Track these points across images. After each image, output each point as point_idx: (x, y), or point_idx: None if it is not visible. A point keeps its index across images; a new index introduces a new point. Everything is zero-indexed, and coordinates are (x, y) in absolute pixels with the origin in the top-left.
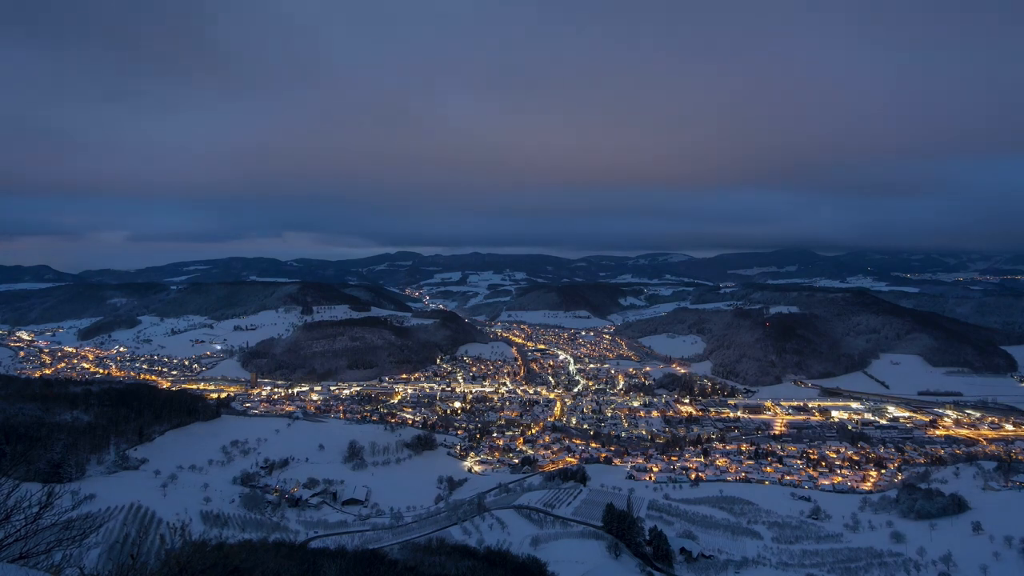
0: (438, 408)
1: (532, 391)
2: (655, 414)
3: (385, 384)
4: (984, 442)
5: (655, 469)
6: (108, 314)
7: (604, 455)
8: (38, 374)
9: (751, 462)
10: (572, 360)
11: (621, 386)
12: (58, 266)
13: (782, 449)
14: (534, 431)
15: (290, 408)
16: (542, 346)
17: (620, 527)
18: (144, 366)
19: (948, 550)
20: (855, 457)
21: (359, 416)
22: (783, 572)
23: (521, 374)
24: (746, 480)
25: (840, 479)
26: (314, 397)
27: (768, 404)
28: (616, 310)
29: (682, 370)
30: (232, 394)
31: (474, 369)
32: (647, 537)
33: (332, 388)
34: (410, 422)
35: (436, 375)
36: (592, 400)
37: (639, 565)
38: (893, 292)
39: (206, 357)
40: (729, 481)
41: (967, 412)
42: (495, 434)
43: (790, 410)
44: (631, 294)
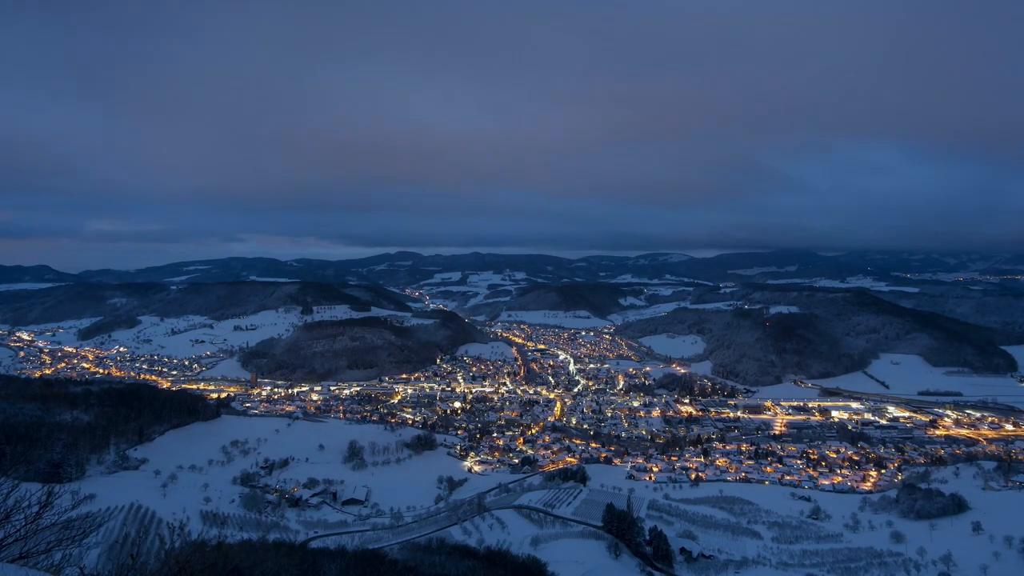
0: (438, 408)
1: (532, 391)
2: (655, 414)
3: (385, 384)
4: (984, 442)
5: (655, 469)
6: (108, 314)
7: (604, 455)
8: (38, 374)
9: (751, 462)
10: (572, 360)
11: (621, 386)
12: (58, 266)
13: (782, 449)
14: (534, 431)
15: (290, 408)
16: (542, 346)
17: (620, 527)
18: (144, 366)
19: (948, 550)
20: (855, 457)
21: (359, 416)
22: (783, 572)
23: (521, 374)
24: (746, 480)
25: (840, 479)
26: (314, 397)
27: (768, 404)
28: (616, 310)
29: (682, 370)
30: (232, 394)
31: (474, 369)
32: (647, 537)
33: (332, 388)
34: (410, 422)
35: (436, 375)
36: (592, 400)
37: (639, 565)
38: (893, 292)
39: (206, 357)
40: (729, 481)
41: (967, 412)
42: (495, 434)
43: (790, 410)
44: (631, 294)
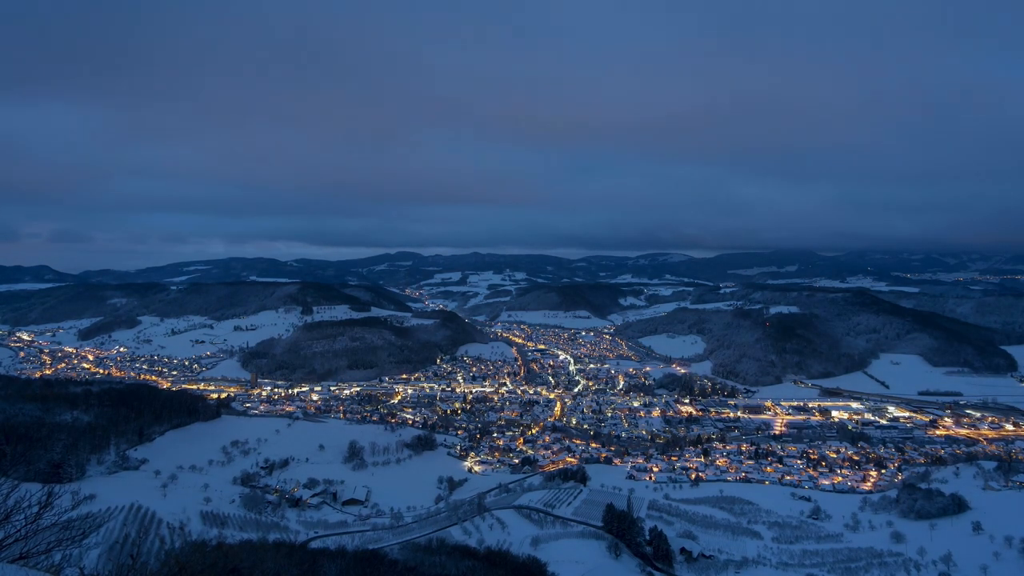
0: (438, 408)
1: (532, 391)
2: (655, 414)
3: (385, 384)
4: (984, 442)
5: (655, 469)
6: (108, 314)
7: (604, 455)
8: (38, 374)
9: (751, 462)
10: (572, 360)
11: (621, 386)
12: (58, 266)
13: (782, 449)
14: (534, 431)
15: (290, 408)
16: (542, 346)
17: (620, 527)
18: (144, 366)
19: (948, 550)
20: (855, 457)
21: (359, 416)
22: (783, 572)
23: (521, 374)
24: (746, 480)
25: (840, 479)
26: (314, 397)
27: (768, 404)
28: (616, 310)
29: (682, 370)
30: (232, 394)
31: (474, 369)
32: (647, 537)
33: (332, 388)
34: (410, 422)
35: (436, 375)
36: (592, 400)
37: (639, 565)
38: (893, 292)
39: (206, 357)
40: (729, 481)
41: (967, 412)
42: (495, 434)
43: (790, 410)
44: (631, 294)
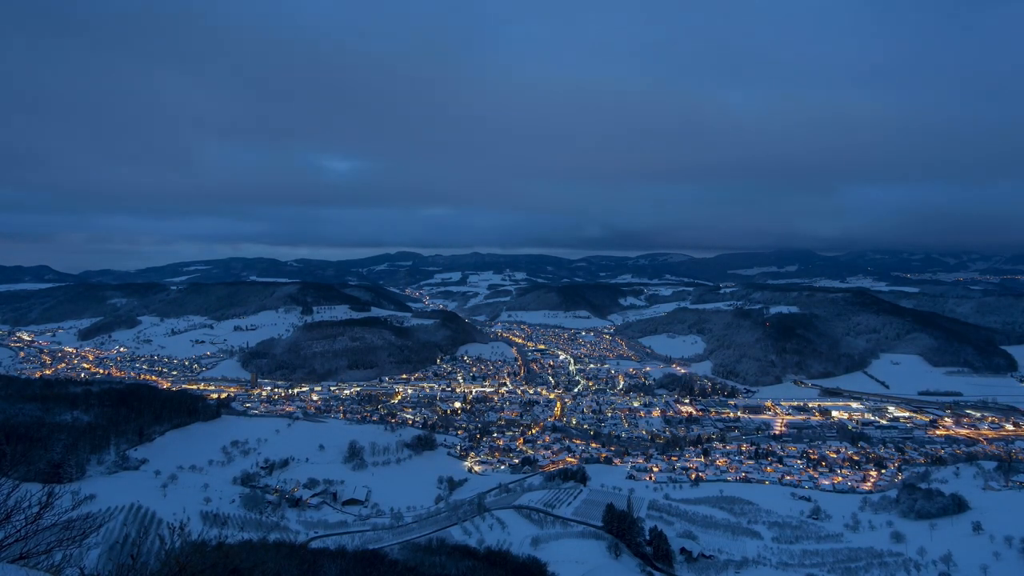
0: (438, 408)
1: (532, 391)
2: (655, 414)
3: (385, 384)
4: (984, 442)
5: (655, 469)
6: (108, 314)
7: (604, 455)
8: (38, 374)
9: (751, 462)
10: (572, 360)
11: (621, 386)
12: (58, 266)
13: (782, 449)
14: (534, 431)
15: (290, 408)
16: (542, 346)
17: (620, 527)
18: (144, 366)
19: (948, 550)
20: (855, 457)
21: (359, 416)
22: (783, 572)
23: (521, 374)
24: (746, 480)
25: (840, 479)
26: (314, 397)
27: (768, 404)
28: (616, 310)
29: (682, 370)
30: (232, 394)
31: (474, 369)
32: (647, 537)
33: (332, 388)
34: (410, 422)
35: (436, 375)
36: (592, 400)
37: (639, 565)
38: (893, 292)
39: (206, 357)
40: (729, 481)
41: (967, 412)
42: (495, 434)
43: (790, 410)
44: (631, 294)
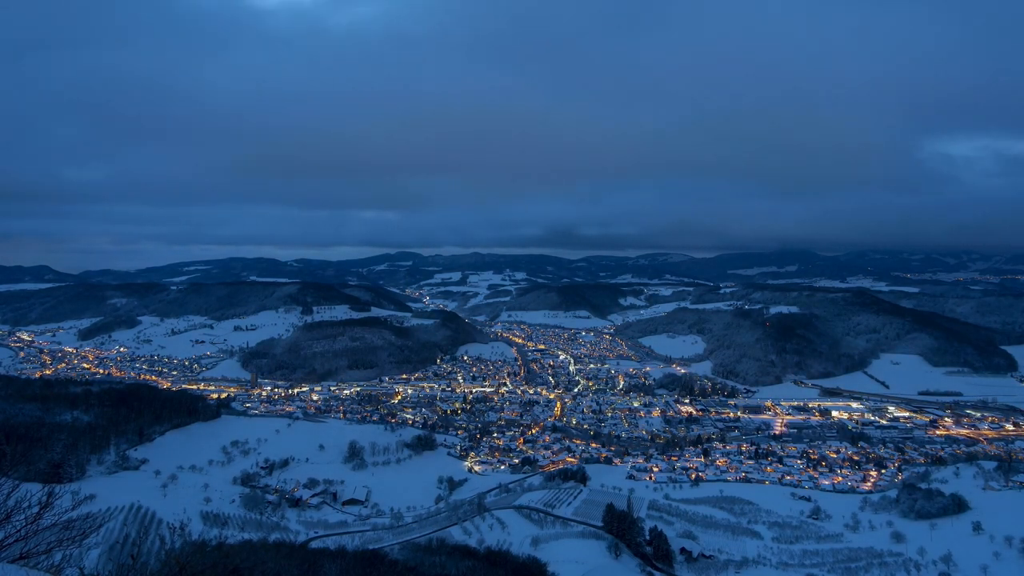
0: (438, 408)
1: (532, 391)
2: (655, 414)
3: (385, 384)
4: (984, 442)
5: (655, 469)
6: (108, 314)
7: (604, 455)
8: (38, 374)
9: (751, 462)
10: (572, 360)
11: (621, 386)
12: (58, 266)
13: (782, 449)
14: (534, 431)
15: (290, 408)
16: (542, 346)
17: (620, 527)
18: (144, 366)
19: (948, 550)
20: (855, 457)
21: (359, 416)
22: (783, 572)
23: (521, 374)
24: (746, 480)
25: (840, 479)
26: (314, 397)
27: (768, 404)
28: (616, 310)
29: (682, 370)
30: (232, 394)
31: (474, 369)
32: (647, 537)
33: (332, 388)
34: (410, 422)
35: (436, 375)
36: (592, 400)
37: (639, 565)
38: (893, 292)
39: (206, 357)
40: (729, 481)
41: (967, 412)
42: (495, 434)
43: (790, 410)
44: (631, 294)
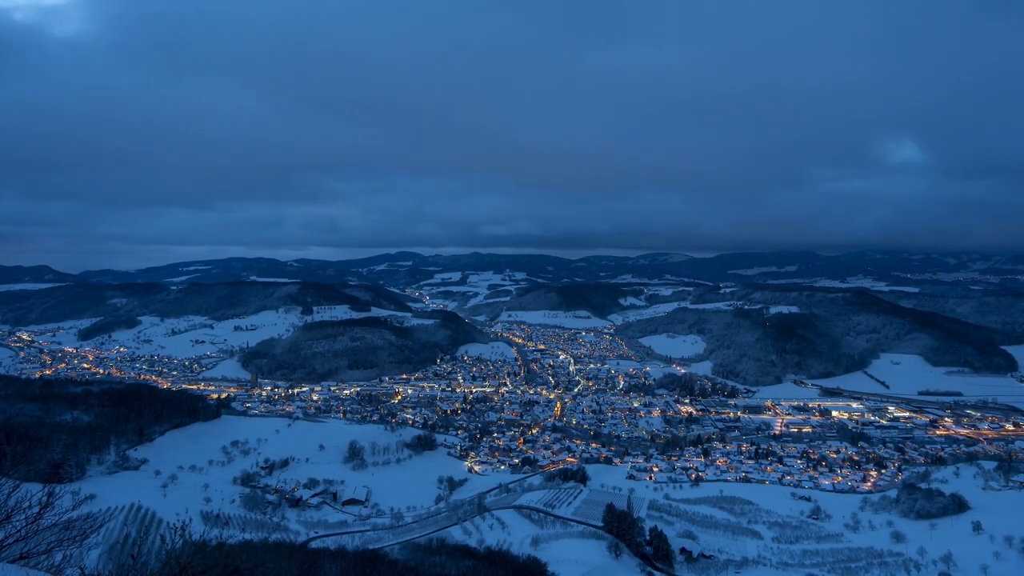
0: (438, 408)
1: (532, 391)
2: (655, 414)
3: (385, 384)
4: (984, 442)
5: (655, 469)
6: (108, 314)
7: (604, 455)
8: (38, 374)
9: (751, 462)
10: (572, 360)
11: (621, 386)
12: (58, 266)
13: (782, 449)
14: (534, 431)
15: (290, 408)
16: (542, 346)
17: (620, 527)
18: (144, 366)
19: (948, 550)
20: (855, 457)
21: (359, 416)
22: (783, 572)
23: (521, 374)
24: (746, 480)
25: (840, 479)
26: (314, 397)
27: (768, 404)
28: (616, 310)
29: (682, 370)
30: (232, 394)
31: (474, 369)
32: (647, 537)
33: (332, 388)
34: (410, 422)
35: (436, 375)
36: (592, 400)
37: (639, 565)
38: (893, 292)
39: (206, 357)
40: (729, 481)
41: (967, 412)
42: (495, 434)
43: (790, 410)
44: (631, 294)
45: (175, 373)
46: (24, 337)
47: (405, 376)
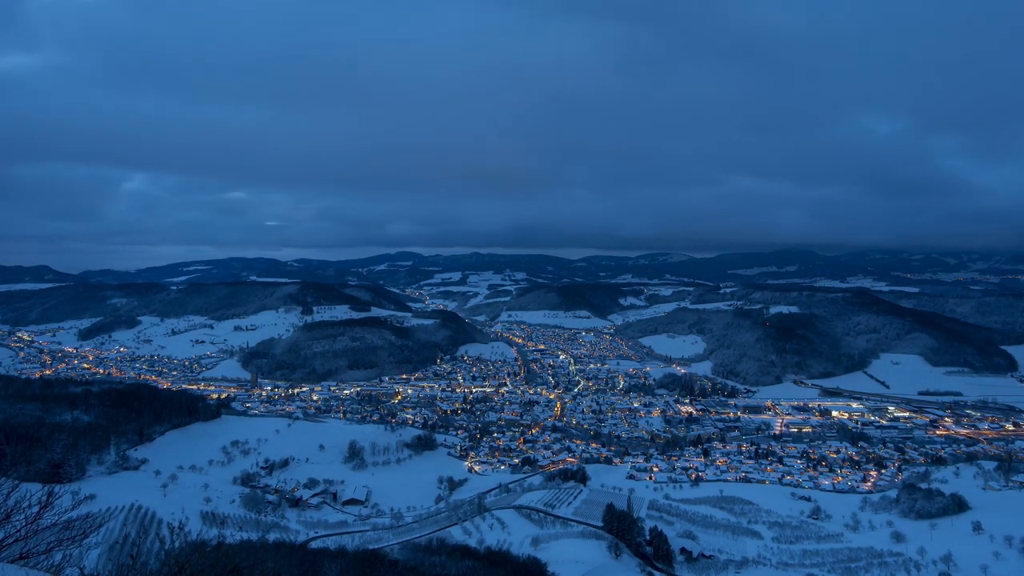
0: (438, 408)
1: (532, 391)
2: (655, 414)
3: (385, 384)
4: (984, 442)
5: (655, 469)
6: (108, 314)
7: (604, 455)
8: (38, 374)
9: (751, 462)
10: (572, 360)
11: (621, 386)
12: (58, 266)
13: (782, 449)
14: (534, 431)
15: (290, 408)
16: (542, 346)
17: (620, 527)
18: (144, 366)
19: (948, 550)
20: (855, 457)
21: (359, 416)
22: (783, 572)
23: (521, 374)
24: (746, 480)
25: (840, 479)
26: (314, 397)
27: (768, 404)
28: (616, 310)
29: (682, 370)
30: (232, 394)
31: (474, 369)
32: (647, 537)
33: (332, 388)
34: (410, 422)
35: (436, 375)
36: (592, 400)
37: (639, 565)
38: (893, 292)
39: (206, 357)
40: (729, 481)
41: (967, 412)
42: (495, 434)
43: (790, 410)
44: (631, 294)
45: (175, 373)
46: (24, 337)
47: (405, 376)
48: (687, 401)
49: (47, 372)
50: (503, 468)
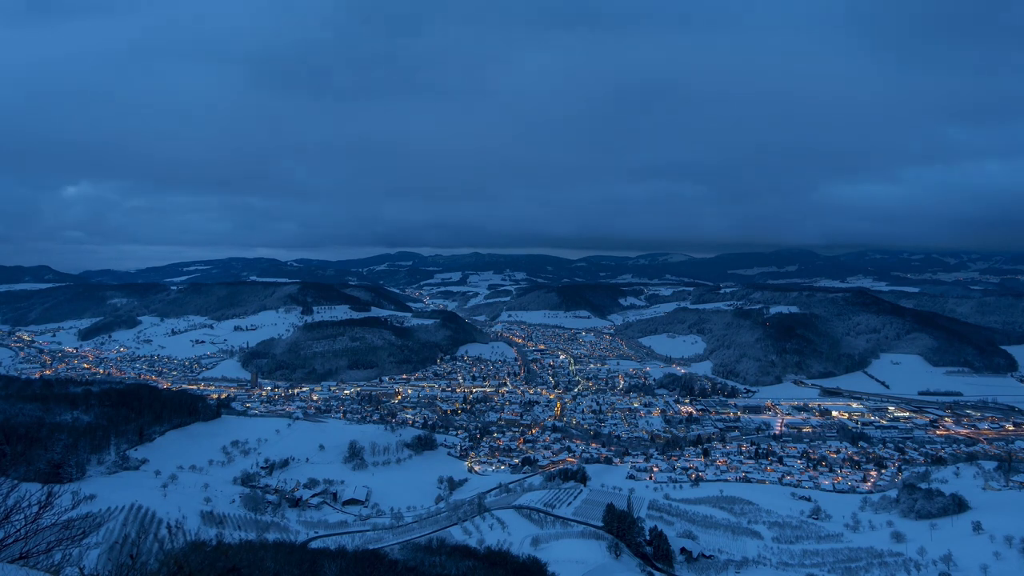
0: (438, 408)
1: (532, 391)
2: (655, 414)
3: (385, 384)
4: (984, 442)
5: (655, 469)
6: (108, 314)
7: (604, 455)
8: (38, 374)
9: (751, 462)
10: (572, 360)
11: (621, 386)
12: (58, 266)
13: (782, 449)
14: (534, 431)
15: (290, 408)
16: (542, 346)
17: (620, 527)
18: (144, 366)
19: (948, 550)
20: (855, 457)
21: (359, 416)
22: (783, 572)
23: (521, 374)
24: (746, 480)
25: (840, 479)
26: (314, 397)
27: (768, 404)
28: (616, 310)
29: (682, 370)
30: (232, 394)
31: (474, 369)
32: (647, 537)
33: (332, 388)
34: (410, 422)
35: (436, 375)
36: (592, 400)
37: (639, 565)
38: (893, 292)
39: (206, 357)
40: (729, 481)
41: (967, 412)
42: (495, 434)
43: (790, 410)
44: (631, 294)
45: (175, 373)
46: (24, 337)
47: (405, 376)
48: (687, 401)
49: (47, 372)
50: (503, 468)
